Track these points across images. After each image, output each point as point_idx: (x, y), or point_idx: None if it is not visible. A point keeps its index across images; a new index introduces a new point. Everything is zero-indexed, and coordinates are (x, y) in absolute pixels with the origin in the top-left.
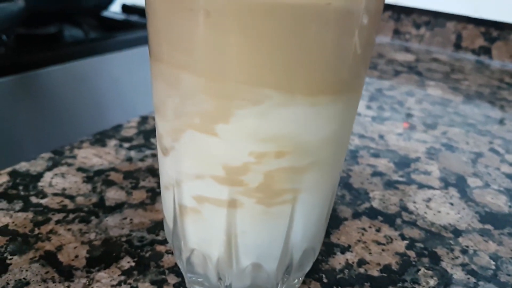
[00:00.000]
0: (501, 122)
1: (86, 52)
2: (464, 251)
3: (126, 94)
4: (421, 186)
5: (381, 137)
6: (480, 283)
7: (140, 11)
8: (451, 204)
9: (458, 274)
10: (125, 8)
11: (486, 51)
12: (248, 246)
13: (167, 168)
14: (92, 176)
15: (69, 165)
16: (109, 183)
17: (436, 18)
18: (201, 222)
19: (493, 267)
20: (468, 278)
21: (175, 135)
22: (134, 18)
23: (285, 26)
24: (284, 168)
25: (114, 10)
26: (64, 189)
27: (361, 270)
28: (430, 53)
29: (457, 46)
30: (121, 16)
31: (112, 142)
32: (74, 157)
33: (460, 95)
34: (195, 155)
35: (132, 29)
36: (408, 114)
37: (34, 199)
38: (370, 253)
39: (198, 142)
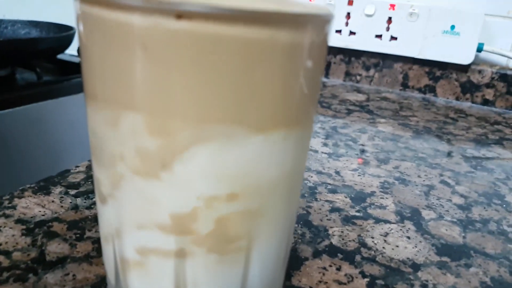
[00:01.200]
0: (449, 154)
1: (39, 96)
2: (423, 286)
3: (81, 138)
4: (378, 220)
5: (337, 173)
6: None
7: None
8: (408, 237)
9: None
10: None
11: (431, 89)
12: None
13: (106, 218)
14: (33, 228)
15: (7, 216)
16: (51, 235)
17: (384, 60)
18: (146, 277)
19: None
20: None
21: (113, 181)
22: None
23: (230, 60)
24: (236, 213)
25: (71, 52)
26: None
27: None
28: (379, 92)
29: (405, 85)
30: (78, 59)
31: (57, 190)
32: (14, 207)
33: (410, 130)
34: (137, 203)
35: None
36: (362, 150)
37: None
38: None
39: (140, 188)
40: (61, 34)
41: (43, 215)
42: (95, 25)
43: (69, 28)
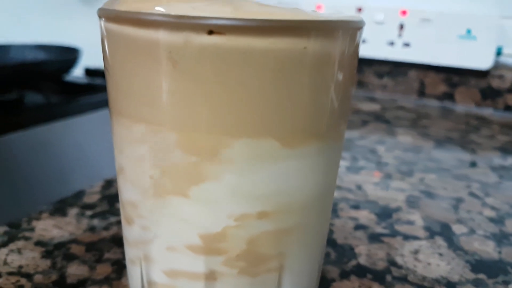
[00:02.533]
0: (475, 165)
1: (48, 117)
2: None
3: (91, 158)
4: (406, 237)
5: (359, 187)
6: None
7: (102, 74)
8: (440, 254)
9: None
10: (89, 72)
11: (449, 96)
12: None
13: (133, 240)
14: (52, 250)
15: (27, 239)
16: (70, 257)
17: (398, 67)
18: None
19: None
20: None
21: (141, 201)
22: (98, 81)
23: (260, 72)
24: (268, 232)
25: (77, 74)
26: (20, 267)
27: None
28: (394, 101)
29: (421, 93)
30: (84, 80)
31: (74, 211)
32: (32, 229)
33: (430, 140)
34: (166, 223)
35: (95, 91)
36: (382, 162)
37: None
38: None
39: (168, 208)
40: (67, 56)
41: (61, 237)
42: (123, 43)
43: (74, 50)
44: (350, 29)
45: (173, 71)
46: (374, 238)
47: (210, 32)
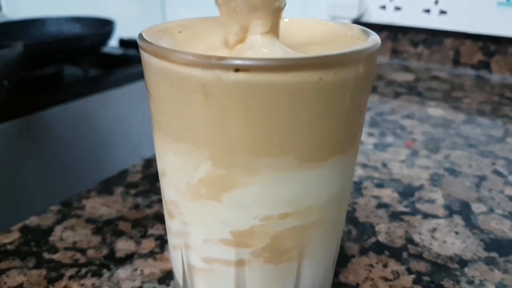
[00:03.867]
0: (503, 140)
1: (87, 91)
2: (470, 282)
3: (129, 130)
4: (425, 215)
5: (384, 165)
6: None
7: (136, 45)
8: (456, 233)
9: None
10: (123, 43)
11: (485, 65)
12: None
13: (174, 230)
14: (101, 227)
15: (78, 216)
16: (118, 233)
17: (433, 36)
18: (210, 281)
19: None
20: None
21: (181, 202)
22: (132, 52)
23: (281, 103)
24: (289, 228)
25: (112, 45)
26: (75, 243)
27: None
28: (429, 71)
29: (456, 62)
30: (119, 51)
31: (119, 190)
32: (83, 208)
33: (462, 114)
34: (202, 222)
35: (131, 64)
36: (411, 139)
37: (46, 255)
38: None
39: (204, 210)
40: (103, 30)
41: (109, 214)
42: (162, 74)
43: (109, 21)
44: (364, 57)
45: (206, 101)
46: (395, 216)
47: (237, 70)
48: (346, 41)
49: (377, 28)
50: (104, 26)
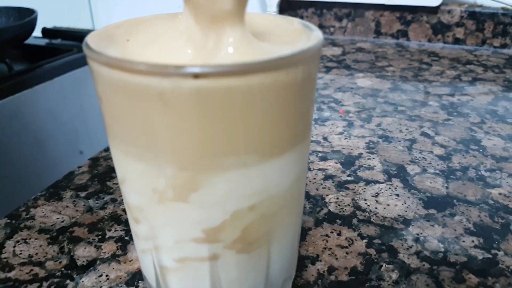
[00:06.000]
0: (427, 104)
1: (13, 88)
2: (415, 239)
3: (64, 125)
4: (368, 182)
5: (325, 138)
6: (434, 267)
7: (61, 34)
8: (397, 195)
9: (414, 263)
10: (46, 33)
11: (404, 34)
12: None
13: (142, 235)
14: (56, 235)
15: (29, 228)
16: (76, 240)
17: (356, 9)
18: (185, 280)
19: (442, 249)
20: (424, 265)
21: (146, 207)
22: (57, 41)
23: (240, 105)
24: (258, 218)
25: (36, 34)
26: (30, 256)
27: (332, 277)
28: (354, 42)
29: (378, 33)
30: (43, 42)
31: (68, 194)
32: (33, 218)
33: (388, 82)
34: (172, 224)
35: (58, 54)
36: (345, 111)
37: (1, 274)
38: (336, 258)
39: (172, 212)
40: (24, 20)
41: (62, 222)
42: (115, 84)
43: (30, 11)
44: (311, 55)
45: (165, 108)
46: (341, 186)
47: (196, 77)
48: (290, 35)
49: (305, 5)
50: (25, 16)
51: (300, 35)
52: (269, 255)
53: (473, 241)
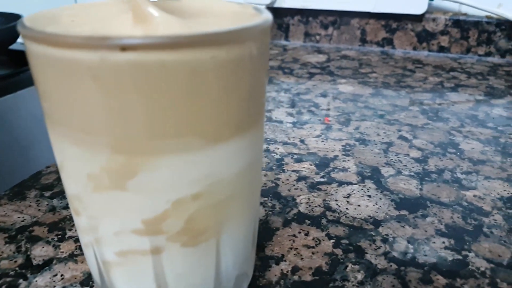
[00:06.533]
0: (407, 109)
1: None
2: (384, 240)
3: (46, 130)
4: (340, 183)
5: (302, 141)
6: (402, 268)
7: None
8: (369, 196)
9: (381, 264)
10: None
11: (389, 42)
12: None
13: (82, 228)
14: (15, 234)
15: None
16: (34, 239)
17: (341, 17)
18: (128, 275)
19: (411, 250)
20: (391, 266)
21: (84, 197)
22: None
23: (176, 82)
24: (203, 208)
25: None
26: None
27: (295, 277)
28: (339, 50)
29: (363, 41)
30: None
31: (32, 193)
32: None
33: (369, 88)
34: (110, 214)
35: None
36: (324, 115)
37: None
38: (302, 258)
39: (110, 201)
40: (9, 25)
41: (23, 221)
42: (45, 61)
43: (16, 16)
44: (256, 34)
45: (95, 85)
46: (313, 187)
47: (123, 49)
48: (242, 19)
49: (291, 12)
50: (10, 21)
51: (252, 18)
52: (218, 248)
53: (443, 242)
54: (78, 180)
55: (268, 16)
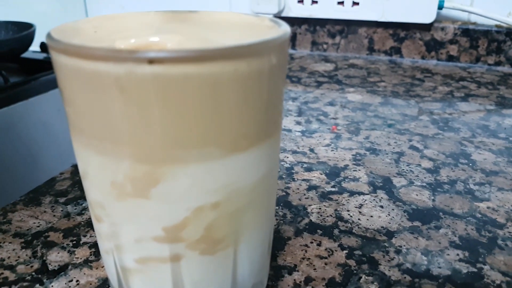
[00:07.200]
0: (417, 118)
1: (9, 99)
2: (398, 251)
3: (57, 137)
4: (352, 193)
5: (312, 150)
6: (416, 280)
7: None
8: (381, 207)
9: (395, 275)
10: (44, 47)
11: (397, 50)
12: None
13: (104, 234)
14: (31, 240)
15: (4, 232)
16: (50, 245)
17: (349, 26)
18: (147, 281)
19: (425, 262)
20: (405, 277)
21: (107, 204)
22: None
23: (199, 94)
24: (222, 216)
25: (34, 48)
26: (2, 260)
27: None
28: (347, 59)
29: (371, 50)
30: (41, 56)
31: (47, 199)
32: (9, 222)
33: (378, 97)
34: (132, 221)
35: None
36: (334, 124)
37: None
38: (314, 269)
39: (132, 208)
40: (22, 34)
41: (38, 226)
42: (73, 73)
43: (29, 25)
44: (276, 46)
45: (122, 96)
46: (324, 196)
47: (151, 62)
48: (260, 31)
49: (298, 22)
50: (22, 30)
51: (270, 31)
52: (235, 257)
53: (458, 255)
54: (102, 187)
55: (286, 28)
